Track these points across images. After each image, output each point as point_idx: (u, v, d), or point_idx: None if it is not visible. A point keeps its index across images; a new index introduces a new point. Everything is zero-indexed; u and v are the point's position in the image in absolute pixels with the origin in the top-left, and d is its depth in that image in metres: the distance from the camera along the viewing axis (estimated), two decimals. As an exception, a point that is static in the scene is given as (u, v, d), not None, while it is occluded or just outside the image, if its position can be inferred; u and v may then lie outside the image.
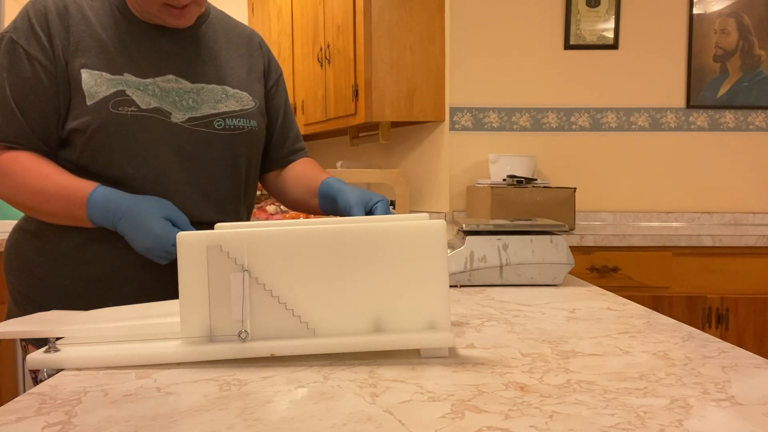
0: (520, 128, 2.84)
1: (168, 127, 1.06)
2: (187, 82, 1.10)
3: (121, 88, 1.03)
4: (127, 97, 1.03)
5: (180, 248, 0.72)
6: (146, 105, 1.04)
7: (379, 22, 2.70)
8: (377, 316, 0.73)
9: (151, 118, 1.05)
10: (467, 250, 1.23)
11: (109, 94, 1.02)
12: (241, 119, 1.14)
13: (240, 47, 1.22)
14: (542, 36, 2.81)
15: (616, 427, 0.54)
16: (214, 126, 1.11)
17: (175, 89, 1.08)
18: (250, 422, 0.55)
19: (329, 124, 3.15)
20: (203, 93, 1.11)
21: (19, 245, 1.13)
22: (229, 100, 1.14)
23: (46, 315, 0.85)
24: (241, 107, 1.15)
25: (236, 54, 1.21)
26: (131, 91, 1.04)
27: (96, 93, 1.02)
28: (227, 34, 1.21)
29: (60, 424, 0.55)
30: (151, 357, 0.73)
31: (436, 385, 0.65)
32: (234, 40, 1.22)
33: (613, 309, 1.03)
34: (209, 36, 1.17)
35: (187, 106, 1.09)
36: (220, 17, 1.23)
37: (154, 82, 1.07)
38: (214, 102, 1.12)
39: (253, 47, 1.26)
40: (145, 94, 1.05)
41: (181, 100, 1.08)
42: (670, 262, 2.29)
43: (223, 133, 1.12)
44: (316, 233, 0.73)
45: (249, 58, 1.23)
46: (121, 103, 1.02)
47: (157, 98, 1.06)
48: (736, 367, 0.71)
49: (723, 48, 2.79)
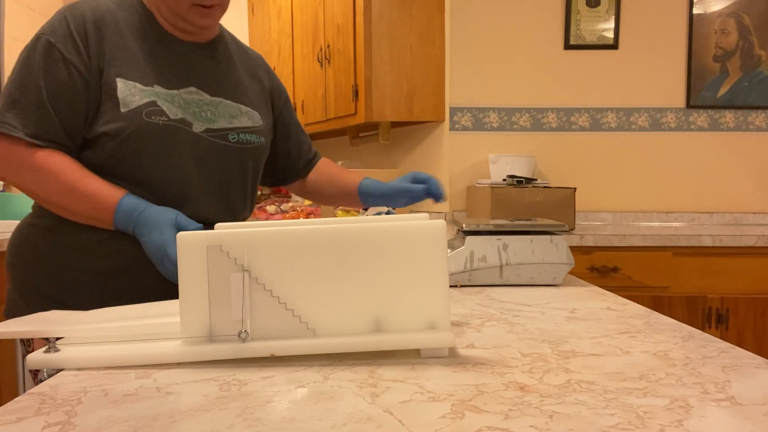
0: (520, 128, 2.84)
1: (190, 136, 1.13)
2: (206, 95, 1.18)
3: (152, 99, 1.10)
4: (158, 107, 1.10)
5: (180, 248, 0.72)
6: (174, 115, 1.12)
7: (379, 22, 2.70)
8: (377, 316, 0.73)
9: (178, 128, 1.12)
10: (467, 250, 1.23)
11: (143, 103, 1.09)
12: (253, 135, 1.23)
13: (251, 69, 1.31)
14: (542, 36, 2.81)
15: (616, 427, 0.54)
16: (229, 139, 1.19)
17: (196, 101, 1.16)
18: (250, 422, 0.55)
19: (329, 124, 3.15)
20: (221, 107, 1.19)
21: (31, 240, 1.16)
22: (242, 117, 1.22)
23: (46, 315, 0.85)
24: (252, 124, 1.24)
25: (248, 74, 1.30)
26: (161, 102, 1.11)
27: (130, 102, 1.08)
28: (240, 55, 1.30)
29: (60, 424, 0.55)
30: (151, 357, 0.72)
31: (436, 385, 0.65)
32: (245, 62, 1.31)
33: (613, 309, 1.03)
34: (226, 55, 1.26)
35: (206, 117, 1.16)
36: (233, 39, 1.32)
37: (178, 94, 1.14)
38: (230, 117, 1.20)
39: (262, 71, 1.35)
40: (173, 105, 1.12)
41: (200, 111, 1.16)
42: (670, 262, 2.29)
43: (235, 145, 1.20)
44: (316, 233, 0.73)
45: (258, 80, 1.32)
46: (153, 112, 1.09)
47: (182, 109, 1.13)
48: (736, 367, 0.71)
49: (723, 48, 2.79)
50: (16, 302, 1.17)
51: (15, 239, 1.19)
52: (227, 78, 1.23)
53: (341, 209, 2.77)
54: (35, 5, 3.14)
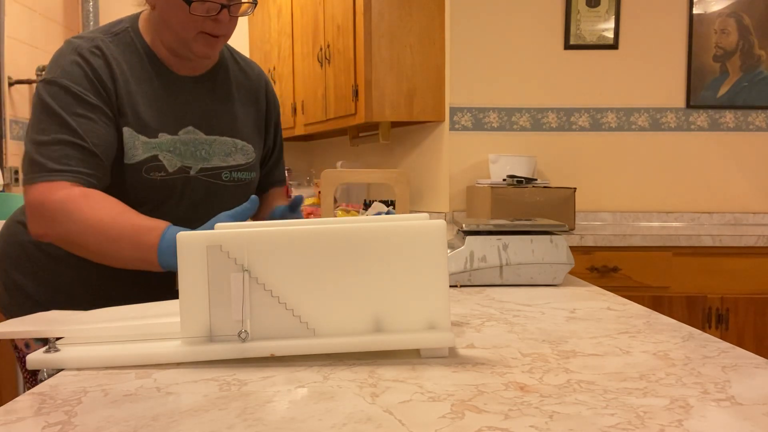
0: (520, 128, 2.84)
1: (186, 181, 1.16)
2: (202, 134, 1.19)
3: (155, 153, 1.12)
4: (158, 162, 1.12)
5: (180, 248, 0.72)
6: (173, 167, 1.14)
7: (379, 22, 2.70)
8: (377, 316, 0.73)
9: (174, 180, 1.14)
10: (467, 250, 1.23)
11: (144, 158, 1.11)
12: (245, 172, 1.25)
13: (249, 93, 1.30)
14: (542, 36, 2.81)
15: (616, 427, 0.54)
16: (222, 178, 1.21)
17: (192, 140, 1.17)
18: (250, 422, 0.55)
19: (329, 124, 3.15)
20: (215, 145, 1.20)
21: (18, 238, 1.19)
22: (237, 154, 1.23)
23: (46, 315, 0.85)
24: (246, 160, 1.25)
25: (246, 100, 1.29)
26: (162, 155, 1.13)
27: (133, 155, 1.10)
28: (239, 79, 1.29)
29: (60, 424, 0.55)
30: (151, 357, 0.72)
31: (436, 385, 0.65)
32: (244, 85, 1.29)
33: (613, 309, 1.03)
34: (224, 84, 1.25)
35: (200, 156, 1.18)
36: (232, 58, 1.30)
37: (179, 138, 1.15)
38: (224, 155, 1.21)
39: (260, 91, 1.33)
40: (174, 154, 1.14)
41: (196, 151, 1.17)
42: (670, 262, 2.29)
43: (228, 184, 1.22)
44: (316, 233, 0.73)
45: (256, 103, 1.31)
46: (153, 168, 1.12)
47: (181, 156, 1.15)
48: (736, 367, 0.71)
49: (723, 48, 2.79)
50: (1, 295, 1.23)
51: (2, 234, 1.23)
52: (224, 113, 1.23)
53: (341, 209, 2.77)
54: (35, 5, 3.14)
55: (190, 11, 1.08)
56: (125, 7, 1.26)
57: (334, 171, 2.21)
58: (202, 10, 1.09)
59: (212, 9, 1.09)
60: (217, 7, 1.09)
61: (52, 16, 3.30)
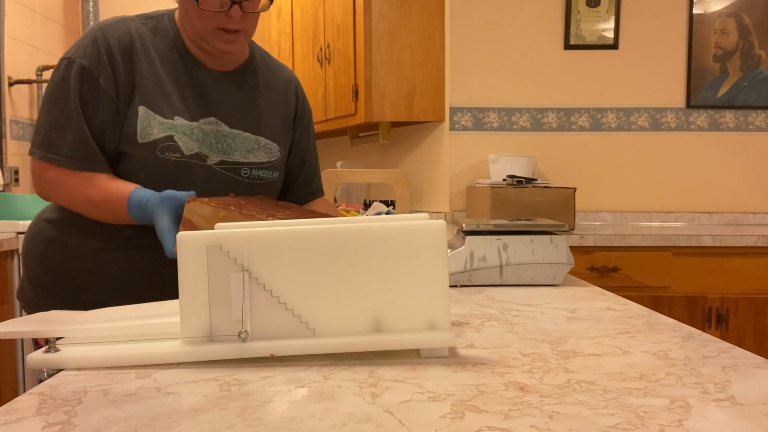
0: (520, 128, 2.84)
1: (203, 169, 1.16)
2: (225, 126, 1.19)
3: (170, 133, 1.13)
4: (173, 143, 1.13)
5: (180, 248, 0.72)
6: (189, 151, 1.13)
7: (379, 22, 2.70)
8: (377, 316, 0.73)
9: (190, 163, 1.14)
10: (467, 250, 1.23)
11: (159, 138, 1.12)
12: (266, 171, 1.24)
13: (278, 93, 1.30)
14: (542, 36, 2.81)
15: (616, 427, 0.54)
16: (240, 174, 1.20)
17: (214, 131, 1.17)
18: (250, 422, 0.55)
19: (329, 124, 3.15)
20: (238, 139, 1.20)
21: (43, 235, 1.22)
22: (259, 151, 1.22)
23: (46, 315, 0.85)
24: (268, 159, 1.24)
25: (274, 100, 1.28)
26: (178, 137, 1.13)
27: (148, 134, 1.11)
28: (268, 79, 1.29)
29: (60, 424, 0.55)
30: (151, 357, 0.72)
31: (436, 385, 0.65)
32: (273, 86, 1.30)
33: (613, 309, 1.03)
34: (252, 82, 1.25)
35: (221, 149, 1.17)
36: (263, 59, 1.31)
37: (198, 126, 1.15)
38: (246, 151, 1.21)
39: (290, 93, 1.33)
40: (190, 138, 1.14)
41: (217, 143, 1.17)
42: (670, 262, 2.29)
43: (247, 180, 1.21)
44: (316, 233, 0.73)
45: (284, 105, 1.31)
46: (167, 148, 1.12)
47: (198, 142, 1.15)
48: (736, 367, 0.71)
49: (723, 48, 2.79)
50: (26, 289, 1.25)
51: (29, 231, 1.26)
52: (250, 108, 1.23)
53: (341, 209, 2.77)
54: (35, 5, 3.14)
55: (199, 6, 1.11)
56: (125, 7, 1.27)
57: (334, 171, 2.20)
58: (212, 5, 1.11)
59: (223, 4, 1.11)
60: (228, 3, 1.11)
61: (52, 16, 3.30)
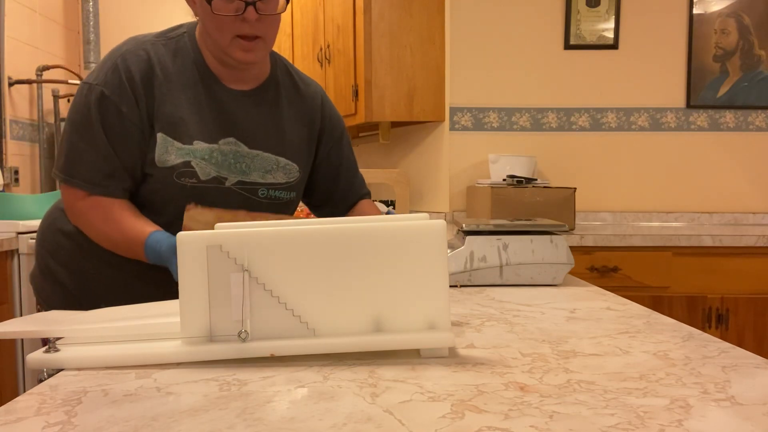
0: (520, 128, 2.84)
1: (220, 192, 1.15)
2: (245, 147, 1.17)
3: (187, 159, 1.12)
4: (190, 169, 1.12)
5: (180, 248, 0.72)
6: (206, 176, 1.13)
7: (379, 22, 2.70)
8: (377, 316, 0.73)
9: (206, 188, 1.13)
10: (467, 250, 1.23)
11: (177, 164, 1.11)
12: (283, 191, 1.23)
13: (300, 111, 1.27)
14: (542, 36, 2.80)
15: (616, 427, 0.54)
16: (258, 194, 1.19)
17: (233, 152, 1.16)
18: (250, 422, 0.55)
19: (329, 124, 3.15)
20: (257, 160, 1.18)
21: (55, 224, 1.23)
22: (278, 172, 1.21)
23: (46, 315, 0.85)
24: (286, 179, 1.23)
25: (297, 117, 1.26)
26: (196, 162, 1.12)
27: (165, 160, 1.11)
28: (291, 96, 1.26)
29: (60, 424, 0.55)
30: (151, 357, 0.72)
31: (436, 385, 0.65)
32: (296, 104, 1.26)
33: (613, 309, 1.03)
34: (273, 100, 1.23)
35: (240, 169, 1.16)
36: (287, 75, 1.28)
37: (218, 148, 1.14)
38: (264, 171, 1.19)
39: (315, 110, 1.30)
40: (208, 163, 1.13)
41: (236, 163, 1.16)
42: (670, 262, 2.29)
43: (264, 201, 1.20)
44: (316, 233, 0.73)
45: (309, 122, 1.28)
46: (184, 174, 1.12)
47: (216, 166, 1.14)
48: (736, 367, 0.71)
49: (723, 48, 2.79)
50: (37, 277, 1.26)
51: (44, 219, 1.27)
52: (270, 128, 1.21)
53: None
54: (35, 5, 3.14)
55: (212, 11, 1.08)
56: (125, 7, 1.26)
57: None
58: (226, 9, 1.08)
59: (238, 8, 1.07)
60: (242, 6, 1.07)
61: (52, 16, 3.30)
